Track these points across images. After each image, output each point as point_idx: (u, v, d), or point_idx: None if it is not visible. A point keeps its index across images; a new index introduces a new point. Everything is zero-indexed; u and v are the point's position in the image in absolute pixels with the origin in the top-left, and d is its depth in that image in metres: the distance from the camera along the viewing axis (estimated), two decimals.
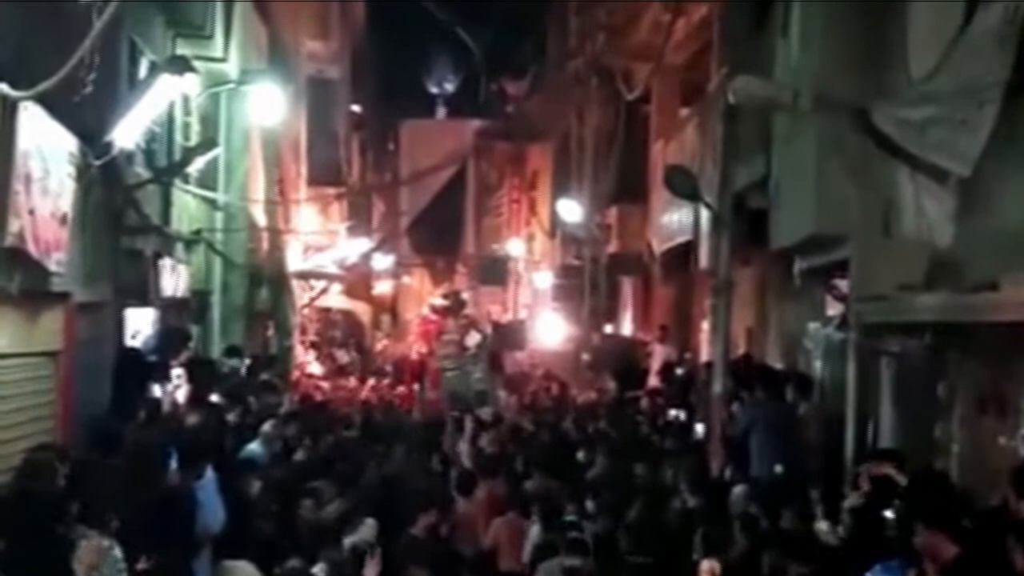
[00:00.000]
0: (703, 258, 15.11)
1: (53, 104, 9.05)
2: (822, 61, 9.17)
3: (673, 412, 15.17)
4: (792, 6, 10.51)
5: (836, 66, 8.96)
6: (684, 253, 17.18)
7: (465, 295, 38.53)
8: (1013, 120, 7.28)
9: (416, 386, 26.35)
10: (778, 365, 13.20)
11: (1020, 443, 7.59)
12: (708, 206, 12.66)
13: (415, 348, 34.14)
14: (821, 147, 9.06)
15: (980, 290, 7.28)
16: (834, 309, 11.41)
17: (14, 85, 8.44)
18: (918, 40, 8.33)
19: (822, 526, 8.00)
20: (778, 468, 9.86)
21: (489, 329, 31.56)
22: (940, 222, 7.98)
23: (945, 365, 8.58)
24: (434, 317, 35.99)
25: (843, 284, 10.35)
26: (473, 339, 28.95)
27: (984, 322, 7.33)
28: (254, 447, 11.71)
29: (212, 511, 9.17)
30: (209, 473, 9.49)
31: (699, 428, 13.56)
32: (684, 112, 19.13)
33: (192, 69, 11.87)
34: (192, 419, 11.87)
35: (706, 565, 6.86)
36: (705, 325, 17.01)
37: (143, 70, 13.04)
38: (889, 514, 6.69)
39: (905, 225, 8.37)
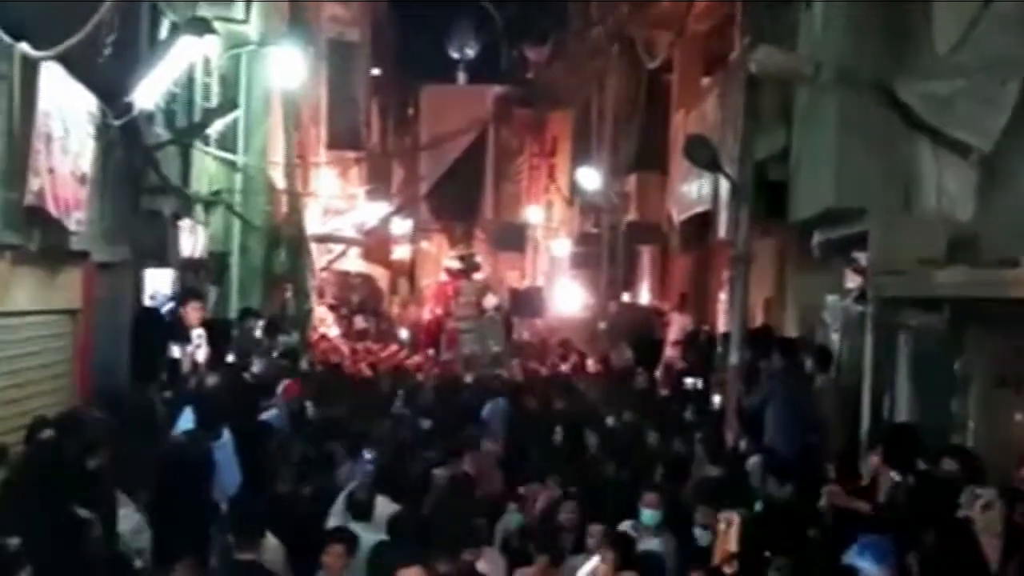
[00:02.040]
0: (722, 228, 15.06)
1: (74, 64, 9.07)
2: (844, 33, 9.08)
3: (691, 381, 15.16)
4: None
5: (858, 39, 8.88)
6: (703, 223, 17.12)
7: (479, 259, 38.50)
8: None
9: (431, 351, 26.34)
10: (796, 337, 13.18)
11: None
12: (728, 177, 12.61)
13: (429, 309, 34.13)
14: (842, 120, 9.00)
15: (1000, 266, 7.24)
16: (853, 282, 11.37)
17: (35, 45, 8.45)
18: (942, 14, 8.25)
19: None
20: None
21: (507, 295, 31.62)
22: (961, 197, 7.94)
23: (963, 340, 8.56)
24: (448, 279, 35.99)
25: (862, 257, 10.30)
26: (491, 301, 28.99)
27: (1003, 298, 7.30)
28: (274, 410, 11.77)
29: (229, 473, 9.25)
30: (227, 435, 9.57)
31: (716, 399, 13.56)
32: (706, 81, 19.00)
33: (213, 31, 11.87)
34: (211, 380, 11.95)
35: (725, 515, 6.89)
36: (723, 295, 16.98)
37: (164, 31, 13.03)
38: None
39: (925, 200, 8.33)
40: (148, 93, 11.39)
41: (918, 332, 9.33)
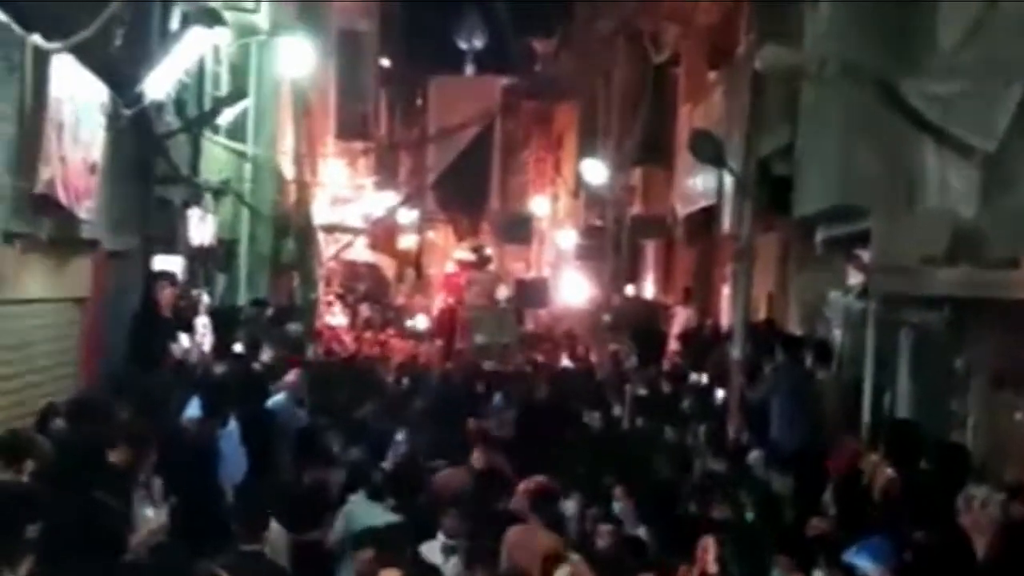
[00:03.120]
0: (726, 223, 15.06)
1: (85, 54, 9.08)
2: (850, 30, 9.05)
3: (694, 376, 15.17)
4: None
5: (864, 36, 8.84)
6: (707, 217, 17.12)
7: (489, 251, 38.56)
8: None
9: (442, 340, 26.44)
10: (798, 332, 13.18)
11: None
12: (732, 172, 12.60)
13: (442, 298, 34.20)
14: (847, 117, 8.97)
15: (1001, 267, 7.24)
16: (855, 278, 11.36)
17: (47, 36, 8.47)
18: (948, 14, 8.23)
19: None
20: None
21: (513, 286, 31.67)
22: (964, 196, 7.94)
23: (964, 339, 8.56)
24: (459, 270, 36.05)
25: (865, 254, 10.29)
26: (503, 292, 29.08)
27: (1004, 299, 7.30)
28: (279, 398, 11.79)
29: (234, 461, 9.29)
30: (232, 424, 9.61)
31: (719, 393, 13.58)
32: (712, 76, 18.98)
33: (223, 22, 11.88)
34: (217, 368, 11.99)
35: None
36: (726, 289, 16.99)
37: (175, 21, 13.04)
38: None
39: (928, 198, 8.32)
40: (159, 83, 11.41)
41: (919, 330, 9.33)
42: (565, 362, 21.45)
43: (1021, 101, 7.23)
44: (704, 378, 14.77)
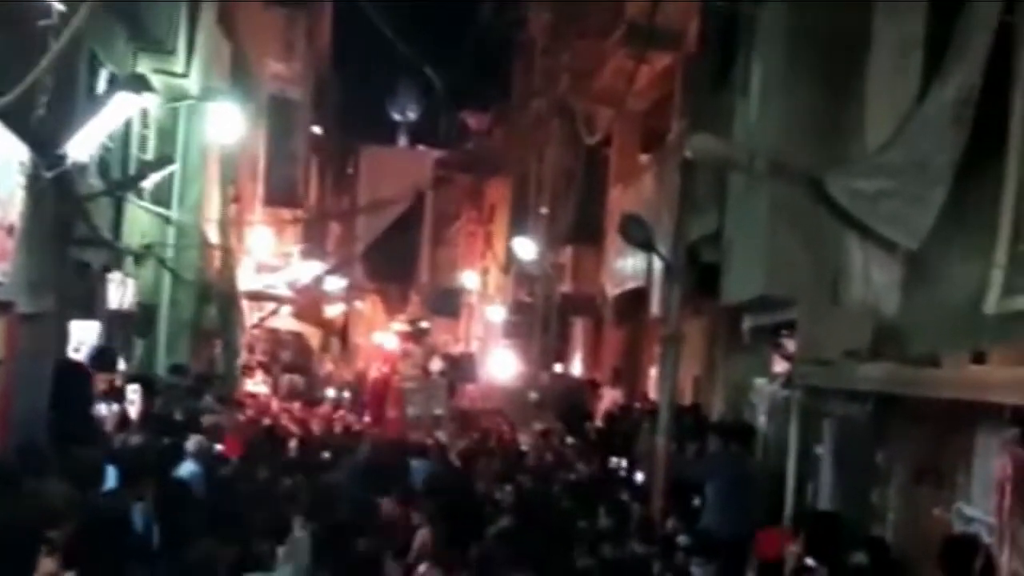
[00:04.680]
0: (654, 305, 15.19)
1: (7, 117, 8.98)
2: (779, 124, 9.28)
3: (615, 460, 15.17)
4: (752, 67, 10.64)
5: (792, 130, 9.07)
6: (636, 298, 17.26)
7: (426, 324, 38.62)
8: (962, 199, 7.40)
9: (373, 411, 26.29)
10: (723, 417, 13.26)
11: (954, 516, 7.66)
12: (661, 256, 12.73)
13: (376, 367, 34.04)
14: (774, 209, 9.16)
15: (922, 364, 7.36)
16: (780, 367, 11.49)
17: None
18: (874, 111, 8.44)
19: None
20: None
21: (447, 360, 31.65)
22: (887, 292, 8.06)
23: (885, 433, 8.66)
24: (396, 345, 36.06)
25: (790, 343, 10.42)
26: (436, 365, 29.05)
27: (924, 396, 7.41)
28: (189, 465, 11.59)
29: (146, 535, 9.07)
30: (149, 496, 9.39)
31: (639, 476, 13.58)
32: (643, 159, 19.26)
33: (150, 88, 11.83)
34: (136, 439, 11.78)
35: None
36: (653, 372, 17.07)
37: (102, 82, 12.97)
38: None
39: (853, 292, 8.45)
40: (83, 145, 11.30)
41: (842, 421, 9.43)
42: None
43: (944, 201, 7.39)
44: (624, 462, 14.78)
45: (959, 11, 7.50)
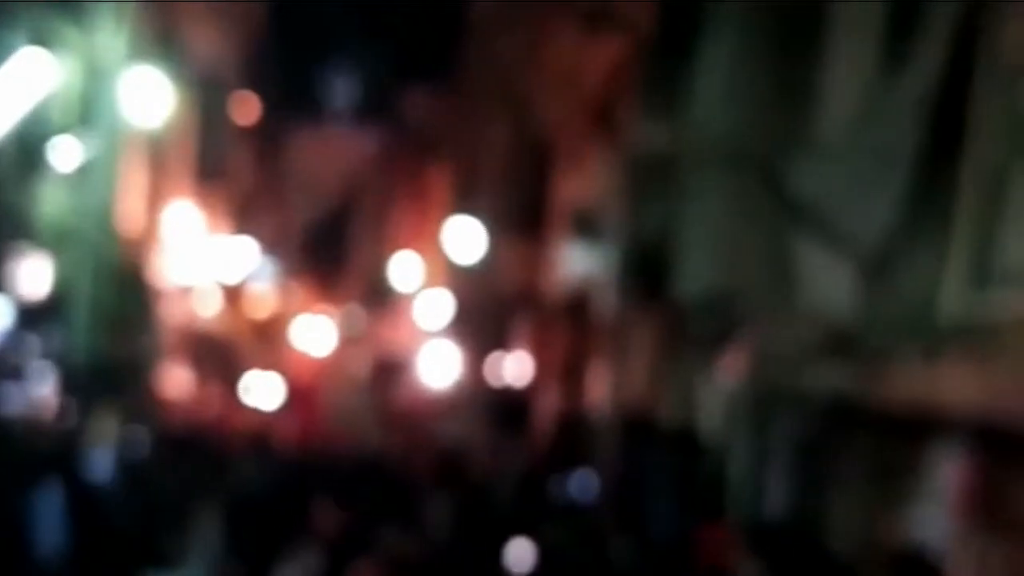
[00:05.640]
0: (602, 302, 15.28)
1: None
2: (734, 113, 9.37)
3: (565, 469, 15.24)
4: (708, 53, 10.73)
5: (748, 119, 9.17)
6: (583, 294, 17.33)
7: (357, 323, 38.54)
8: (920, 195, 7.54)
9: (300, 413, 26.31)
10: (673, 421, 13.38)
11: (909, 524, 7.83)
12: (609, 251, 12.83)
13: (302, 365, 33.99)
14: (726, 202, 9.27)
15: (876, 365, 7.50)
16: (731, 368, 11.61)
17: None
18: (833, 101, 8.58)
19: None
20: None
21: (378, 362, 31.64)
22: (841, 290, 8.20)
23: (838, 436, 8.80)
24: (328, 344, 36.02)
25: (741, 344, 10.55)
26: (363, 367, 29.06)
27: (877, 399, 7.56)
28: (105, 459, 11.61)
29: (53, 530, 9.08)
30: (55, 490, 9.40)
31: (590, 485, 13.69)
32: (594, 146, 19.32)
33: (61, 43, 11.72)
34: (44, 430, 11.76)
35: None
36: (601, 371, 17.16)
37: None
38: None
39: (806, 291, 8.59)
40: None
41: (794, 425, 9.58)
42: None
43: (899, 196, 7.53)
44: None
45: None
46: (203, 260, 29.77)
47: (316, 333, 38.67)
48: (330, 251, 46.48)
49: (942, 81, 7.33)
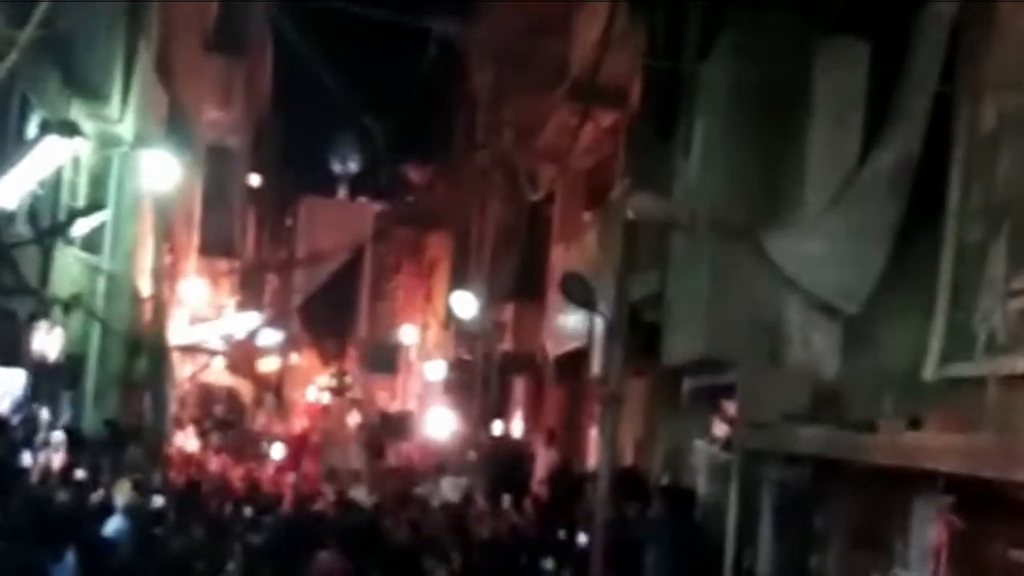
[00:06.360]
0: (595, 365, 15.23)
1: None
2: (720, 185, 9.40)
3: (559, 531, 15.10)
4: (694, 127, 10.80)
5: (734, 191, 9.19)
6: (577, 358, 17.30)
7: (350, 379, 38.47)
8: (901, 263, 7.54)
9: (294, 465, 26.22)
10: (663, 479, 13.28)
11: None
12: (602, 316, 12.80)
13: (299, 424, 33.95)
14: (714, 270, 9.26)
15: (860, 428, 7.45)
16: (720, 430, 11.54)
17: None
18: (814, 170, 8.60)
19: None
20: None
21: (377, 416, 31.53)
22: (825, 355, 8.18)
23: (824, 497, 8.72)
24: (320, 398, 35.94)
25: (730, 406, 10.50)
26: (353, 418, 29.02)
27: (862, 461, 7.49)
28: (117, 522, 11.46)
29: None
30: (70, 557, 9.28)
31: (582, 539, 13.56)
32: (586, 216, 19.38)
33: (80, 133, 11.80)
34: (60, 496, 11.63)
35: None
36: (593, 432, 17.07)
37: (34, 128, 12.90)
38: None
39: (792, 355, 8.56)
40: (10, 191, 11.23)
41: (781, 485, 9.49)
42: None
43: (883, 265, 7.53)
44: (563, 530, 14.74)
45: (899, 71, 7.68)
46: (211, 325, 29.75)
47: (318, 394, 38.63)
48: (332, 316, 46.53)
49: (919, 157, 7.36)
